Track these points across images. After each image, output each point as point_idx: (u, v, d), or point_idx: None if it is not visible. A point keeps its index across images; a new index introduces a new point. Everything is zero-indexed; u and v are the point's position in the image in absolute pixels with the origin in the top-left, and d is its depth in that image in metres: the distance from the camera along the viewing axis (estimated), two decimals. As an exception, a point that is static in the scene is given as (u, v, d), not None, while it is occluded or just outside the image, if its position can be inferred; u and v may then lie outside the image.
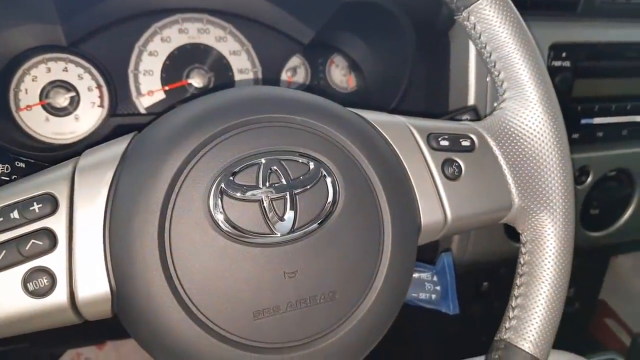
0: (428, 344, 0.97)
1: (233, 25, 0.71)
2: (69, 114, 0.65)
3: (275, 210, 0.35)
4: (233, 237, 0.34)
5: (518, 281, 0.45)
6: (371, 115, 0.42)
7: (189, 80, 0.69)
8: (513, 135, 0.44)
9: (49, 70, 0.64)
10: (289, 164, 0.36)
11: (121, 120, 0.65)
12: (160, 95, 0.69)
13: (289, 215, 0.35)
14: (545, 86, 0.44)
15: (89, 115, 0.66)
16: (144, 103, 0.68)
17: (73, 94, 0.65)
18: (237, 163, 0.35)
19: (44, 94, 0.64)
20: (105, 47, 0.66)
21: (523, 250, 0.45)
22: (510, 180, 0.43)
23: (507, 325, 0.44)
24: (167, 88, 0.69)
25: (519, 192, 0.43)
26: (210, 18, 0.70)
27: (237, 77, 0.71)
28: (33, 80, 0.64)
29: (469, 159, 0.43)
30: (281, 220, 0.35)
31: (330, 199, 0.36)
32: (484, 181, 0.43)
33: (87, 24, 0.63)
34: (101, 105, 0.66)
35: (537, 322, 0.43)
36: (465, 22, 0.44)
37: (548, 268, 0.43)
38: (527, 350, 0.43)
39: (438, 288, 0.51)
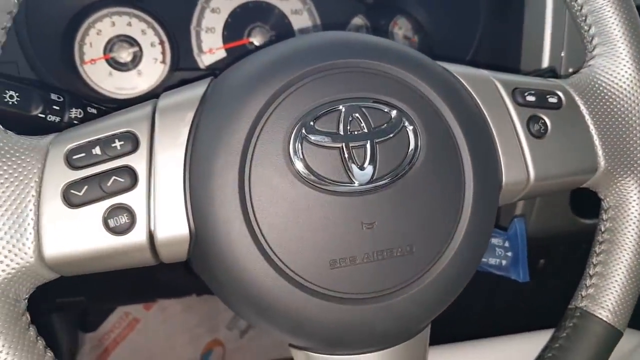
0: (477, 314, 0.95)
1: (296, -17, 0.69)
2: (132, 69, 0.65)
3: (354, 158, 0.34)
4: (312, 183, 0.33)
5: (597, 248, 0.43)
6: (454, 67, 0.40)
7: (250, 39, 0.68)
8: (602, 94, 0.41)
9: (113, 24, 0.65)
10: (370, 111, 0.34)
11: (183, 75, 0.65)
12: (221, 54, 0.68)
13: (369, 164, 0.34)
14: (637, 42, 0.41)
15: (151, 70, 0.66)
16: (205, 61, 0.68)
17: (136, 49, 0.65)
18: (317, 109, 0.34)
19: (108, 48, 0.65)
20: (168, 2, 0.65)
21: (604, 216, 0.43)
22: (597, 141, 0.41)
23: (583, 293, 0.42)
24: (228, 46, 0.68)
25: (605, 154, 0.41)
26: (273, -25, 0.69)
27: (298, 35, 0.70)
28: (98, 33, 0.64)
29: (556, 116, 0.40)
30: (361, 170, 0.34)
31: (411, 149, 0.35)
32: (570, 141, 0.40)
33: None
34: (163, 62, 0.66)
35: (616, 291, 0.41)
36: None
37: (632, 235, 0.41)
38: (604, 319, 0.41)
39: (509, 254, 0.49)
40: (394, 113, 0.35)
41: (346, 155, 0.33)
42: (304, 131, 0.33)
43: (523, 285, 0.92)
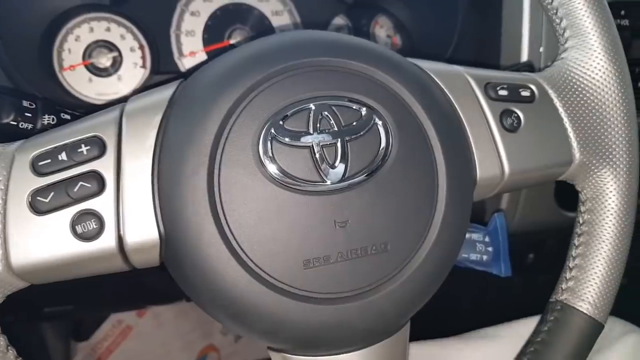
0: (467, 310, 0.95)
1: (275, -15, 0.69)
2: (112, 74, 0.65)
3: (326, 157, 0.33)
4: (283, 183, 0.33)
5: (576, 241, 0.42)
6: (426, 64, 0.40)
7: (231, 41, 0.68)
8: (575, 86, 0.41)
9: (91, 30, 0.64)
10: (341, 110, 0.34)
11: (165, 79, 0.64)
12: (202, 56, 0.68)
13: (340, 162, 0.34)
14: (610, 35, 0.41)
15: (132, 75, 0.66)
16: (185, 64, 0.67)
17: (115, 54, 0.65)
18: (287, 108, 0.33)
19: (87, 54, 0.64)
20: (147, 6, 0.65)
21: (582, 208, 0.43)
22: (571, 133, 0.41)
23: (563, 286, 0.42)
24: (208, 49, 0.68)
25: (580, 146, 0.41)
26: (252, -23, 0.69)
27: (279, 38, 0.70)
28: (76, 40, 0.64)
29: (529, 110, 0.40)
30: (332, 168, 0.33)
31: (382, 146, 0.35)
32: (544, 134, 0.40)
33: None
34: (143, 66, 0.66)
35: (596, 283, 0.41)
36: None
37: (609, 227, 0.41)
38: (585, 311, 0.40)
39: (490, 249, 0.49)
40: (364, 111, 0.35)
41: (317, 154, 0.33)
42: (273, 131, 0.33)
43: (513, 280, 0.93)
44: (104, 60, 0.65)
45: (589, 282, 0.41)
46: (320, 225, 0.33)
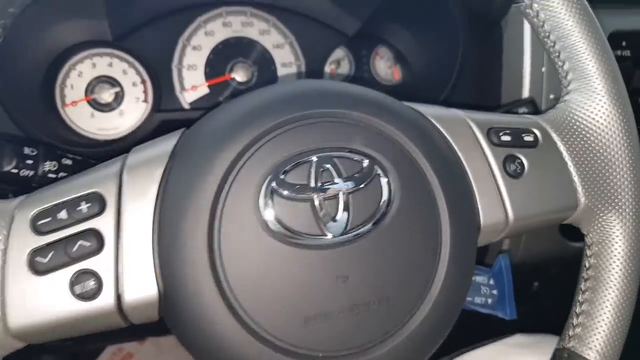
0: (470, 342, 0.93)
1: (276, 18, 0.70)
2: (114, 109, 0.65)
3: (327, 210, 0.33)
4: (283, 238, 0.32)
5: (582, 286, 0.42)
6: (426, 109, 0.39)
7: (232, 75, 0.68)
8: (579, 129, 0.41)
9: (94, 65, 0.65)
10: (342, 161, 0.34)
11: (165, 116, 0.64)
12: (204, 90, 0.68)
13: (342, 215, 0.33)
14: (613, 77, 0.41)
15: (134, 110, 0.66)
16: (187, 98, 0.67)
17: (118, 89, 0.65)
18: (287, 161, 0.33)
19: (89, 89, 0.65)
20: (149, 41, 0.66)
21: (588, 252, 0.42)
22: (576, 178, 0.40)
23: (570, 333, 0.41)
24: (210, 83, 0.68)
25: (585, 190, 0.40)
26: (253, 11, 0.69)
27: (280, 70, 0.70)
28: (79, 75, 0.64)
29: (532, 155, 0.40)
30: (333, 221, 0.33)
31: (384, 198, 0.34)
32: (548, 179, 0.40)
33: (133, 18, 0.63)
34: (145, 101, 0.66)
35: (604, 330, 0.40)
36: (527, 10, 0.41)
37: (616, 272, 0.40)
38: None
39: (495, 292, 0.49)
40: (365, 162, 0.34)
41: (318, 208, 0.33)
42: (274, 185, 0.33)
43: (518, 307, 0.91)
44: (106, 95, 0.65)
45: (596, 330, 0.40)
46: (322, 281, 0.33)
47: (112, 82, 0.65)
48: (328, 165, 0.34)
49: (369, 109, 0.35)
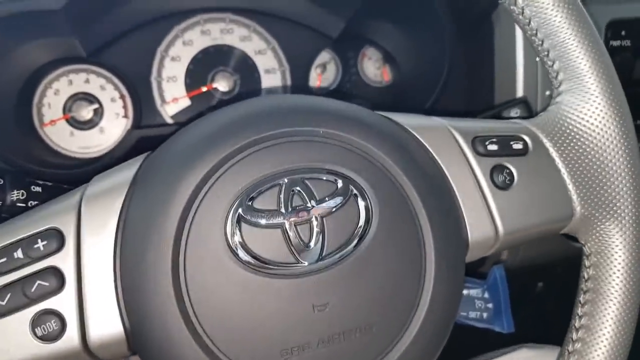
0: (473, 344, 0.91)
1: (257, 23, 0.67)
2: (94, 126, 0.63)
3: (300, 236, 0.31)
4: (254, 268, 0.30)
5: (582, 298, 0.39)
6: (406, 119, 0.37)
7: (214, 85, 0.66)
8: (572, 134, 0.38)
9: (70, 82, 0.63)
10: (314, 183, 0.32)
11: (145, 132, 0.62)
12: (185, 102, 0.66)
13: (316, 241, 0.31)
14: (608, 76, 0.38)
15: (114, 126, 0.64)
16: (169, 111, 0.65)
17: (96, 105, 0.63)
18: (255, 186, 0.31)
19: (67, 107, 0.63)
20: (126, 55, 0.63)
21: (587, 263, 0.40)
22: (570, 186, 0.38)
23: (570, 348, 0.39)
24: (191, 94, 0.66)
25: (581, 199, 0.38)
26: (233, 17, 0.67)
27: (264, 77, 0.68)
28: (55, 93, 0.62)
29: (522, 163, 0.37)
30: (307, 248, 0.31)
31: (362, 220, 0.32)
32: (540, 189, 0.37)
33: (104, 33, 0.61)
34: (125, 116, 0.64)
35: (605, 346, 0.38)
36: (512, 7, 0.38)
37: (617, 284, 0.38)
38: None
39: (490, 305, 0.46)
40: (340, 182, 0.32)
41: (290, 234, 0.31)
42: (241, 212, 0.30)
43: (523, 309, 0.89)
44: (85, 112, 0.63)
45: (597, 345, 0.37)
46: (298, 311, 0.31)
47: (90, 98, 0.63)
48: (299, 188, 0.31)
49: (340, 125, 0.33)
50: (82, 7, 0.55)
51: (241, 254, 0.30)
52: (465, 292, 0.46)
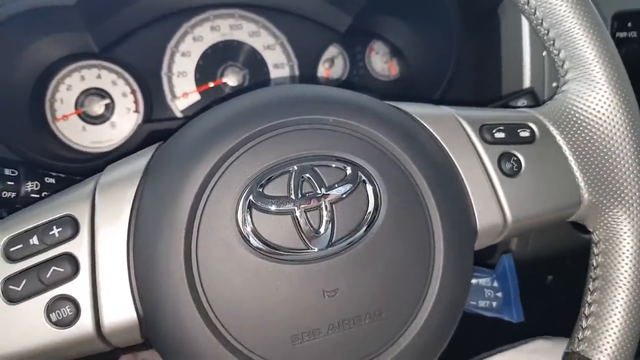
0: (481, 337, 0.91)
1: (266, 19, 0.68)
2: (105, 121, 0.64)
3: (310, 222, 0.31)
4: (265, 254, 0.31)
5: (591, 286, 0.40)
6: (414, 108, 0.37)
7: (224, 79, 0.67)
8: (579, 121, 0.38)
9: (82, 78, 0.63)
10: (323, 170, 0.32)
11: (155, 126, 0.63)
12: (195, 97, 0.66)
13: (326, 227, 0.32)
14: (614, 64, 0.38)
15: (125, 121, 0.65)
16: (179, 106, 0.66)
17: (108, 101, 0.64)
18: (265, 173, 0.31)
19: (79, 102, 0.63)
20: (137, 50, 0.64)
21: (595, 250, 0.40)
22: (578, 173, 0.38)
23: (579, 336, 0.39)
24: (201, 89, 0.66)
25: (588, 186, 0.38)
26: (242, 13, 0.67)
27: (273, 72, 0.68)
28: (68, 89, 0.63)
29: (529, 151, 0.37)
30: (317, 234, 0.31)
31: (371, 206, 0.32)
32: (547, 176, 0.38)
33: (116, 29, 0.62)
34: (136, 111, 0.65)
35: (615, 332, 0.38)
36: None
37: (625, 270, 0.38)
38: None
39: (499, 294, 0.46)
40: (349, 169, 0.33)
41: (300, 221, 0.31)
42: (252, 198, 0.31)
43: (533, 302, 0.89)
44: (97, 107, 0.64)
45: (607, 332, 0.38)
46: (308, 297, 0.31)
47: (101, 93, 0.64)
48: (308, 175, 0.32)
49: (348, 113, 0.33)
50: (96, 3, 0.56)
51: (252, 240, 0.31)
52: (474, 281, 0.47)
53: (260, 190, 0.31)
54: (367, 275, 0.32)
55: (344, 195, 0.32)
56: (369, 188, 0.33)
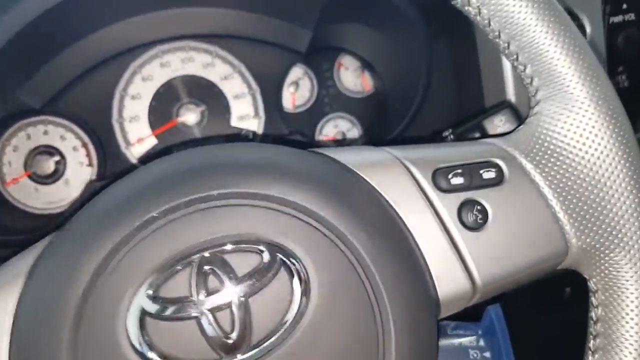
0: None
1: (219, 47, 0.62)
2: (58, 179, 0.60)
3: (220, 326, 0.26)
4: (168, 371, 0.25)
5: (592, 344, 0.33)
6: (348, 156, 0.31)
7: (180, 119, 0.62)
8: (557, 150, 0.31)
9: (28, 137, 0.59)
10: (234, 257, 0.26)
11: (105, 183, 0.58)
12: (151, 142, 0.61)
13: (240, 329, 0.26)
14: (593, 75, 0.31)
15: (79, 177, 0.60)
16: (135, 153, 0.61)
17: (58, 157, 0.59)
18: (158, 270, 0.26)
19: (28, 163, 0.59)
20: (82, 99, 0.59)
21: (594, 302, 0.33)
22: (561, 215, 0.31)
23: None
24: (157, 132, 0.61)
25: (576, 229, 0.31)
26: (192, 44, 0.62)
27: (233, 104, 0.62)
28: (14, 150, 0.59)
29: (497, 195, 0.31)
30: (227, 339, 0.25)
31: (297, 294, 0.26)
32: (521, 224, 0.31)
33: (54, 80, 0.57)
34: (90, 164, 0.60)
35: None
36: (466, 8, 0.32)
37: (632, 327, 0.31)
38: None
39: (487, 355, 0.39)
40: (265, 253, 0.27)
41: (205, 325, 0.25)
42: (144, 305, 0.25)
43: (550, 316, 0.81)
44: (47, 166, 0.59)
45: (615, 408, 0.31)
46: None
47: (50, 151, 0.59)
48: (213, 267, 0.26)
49: (260, 179, 0.27)
50: (19, 60, 0.51)
51: (151, 356, 0.25)
52: (456, 341, 0.40)
53: (152, 293, 0.26)
54: None
55: (262, 286, 0.26)
56: (294, 272, 0.27)
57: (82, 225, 0.27)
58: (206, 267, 0.26)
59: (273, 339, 0.26)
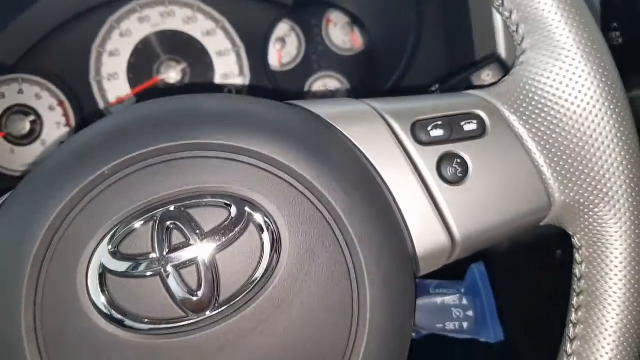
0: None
1: (201, 1, 0.59)
2: (35, 140, 0.58)
3: (186, 282, 0.24)
4: (131, 329, 0.24)
5: (575, 302, 0.32)
6: (324, 108, 0.29)
7: (161, 76, 0.59)
8: (542, 101, 0.30)
9: (2, 95, 0.57)
10: (198, 212, 0.25)
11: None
12: (131, 101, 0.59)
13: (207, 286, 0.25)
14: (582, 21, 0.29)
15: (57, 137, 0.58)
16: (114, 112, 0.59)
17: (33, 117, 0.57)
18: (118, 225, 0.24)
19: (3, 123, 0.57)
20: (59, 56, 0.57)
21: (578, 258, 0.32)
22: (545, 168, 0.30)
23: None
24: (136, 90, 0.59)
25: (560, 184, 0.30)
26: (172, -3, 0.59)
27: (217, 61, 0.60)
28: (-12, 111, 0.57)
29: (479, 149, 0.29)
30: (194, 296, 0.24)
31: (267, 251, 0.25)
32: (503, 177, 0.29)
33: (26, 35, 0.54)
34: (67, 124, 0.58)
35: None
36: None
37: (615, 283, 0.30)
38: None
39: (470, 313, 0.39)
40: (233, 207, 0.25)
41: (170, 282, 0.24)
42: (104, 262, 0.24)
43: (540, 279, 0.81)
44: (21, 126, 0.57)
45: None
46: None
47: (26, 110, 0.57)
48: (176, 223, 0.25)
49: (222, 130, 0.26)
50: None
51: (110, 312, 0.24)
52: (438, 299, 0.39)
53: (112, 249, 0.24)
54: (270, 341, 0.25)
55: (230, 242, 0.25)
56: (263, 227, 0.25)
57: (36, 183, 0.26)
58: (169, 222, 0.25)
59: (242, 296, 0.25)
